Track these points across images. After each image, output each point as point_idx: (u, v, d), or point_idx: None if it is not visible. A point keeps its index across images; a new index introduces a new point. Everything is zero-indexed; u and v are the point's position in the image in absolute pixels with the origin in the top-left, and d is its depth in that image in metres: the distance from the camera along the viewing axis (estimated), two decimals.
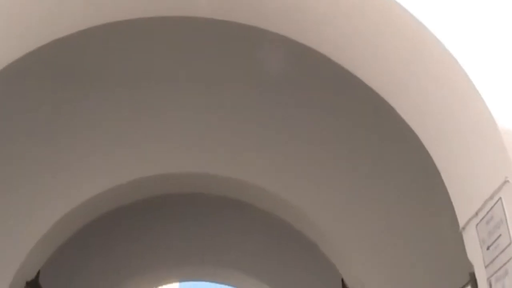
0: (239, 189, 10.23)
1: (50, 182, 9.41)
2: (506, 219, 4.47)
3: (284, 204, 9.87)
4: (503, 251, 4.52)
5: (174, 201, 12.12)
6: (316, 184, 9.73)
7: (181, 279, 17.07)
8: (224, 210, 12.54)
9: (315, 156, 9.82)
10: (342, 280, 9.88)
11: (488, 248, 4.76)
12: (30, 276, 9.44)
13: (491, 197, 4.65)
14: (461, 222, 5.25)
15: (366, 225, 9.47)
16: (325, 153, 9.81)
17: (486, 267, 4.79)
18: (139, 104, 9.67)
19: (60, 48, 7.76)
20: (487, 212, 4.73)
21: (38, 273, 9.60)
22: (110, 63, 9.42)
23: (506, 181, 4.47)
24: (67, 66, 9.31)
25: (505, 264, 4.49)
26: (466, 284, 5.64)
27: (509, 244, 4.43)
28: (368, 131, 9.63)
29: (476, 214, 4.91)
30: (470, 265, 5.23)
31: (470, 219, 5.05)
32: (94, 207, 9.86)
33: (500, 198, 4.55)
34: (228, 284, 14.65)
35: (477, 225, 4.93)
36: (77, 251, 12.17)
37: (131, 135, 9.70)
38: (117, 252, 12.82)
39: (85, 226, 10.30)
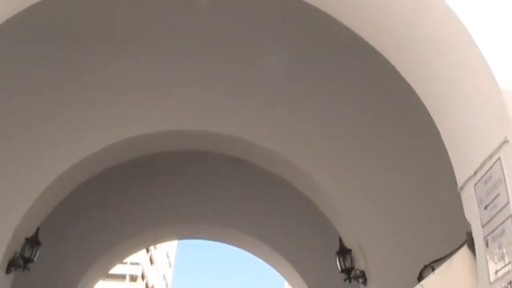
0: (240, 147, 10.24)
1: (49, 140, 9.41)
2: (504, 179, 4.46)
3: (285, 164, 9.89)
4: (500, 210, 4.52)
5: (174, 159, 12.12)
6: (317, 145, 9.74)
7: (180, 237, 17.20)
8: (224, 169, 12.55)
9: (316, 116, 9.81)
10: (340, 239, 9.94)
11: (485, 208, 4.75)
12: (30, 232, 9.50)
13: (490, 157, 4.63)
14: (459, 182, 5.24)
15: (365, 186, 9.50)
16: (327, 114, 9.80)
17: (483, 226, 4.79)
18: (138, 62, 9.63)
19: (58, 3, 7.71)
20: (486, 172, 4.71)
21: (38, 230, 9.65)
22: (108, 20, 9.34)
23: (505, 141, 4.44)
24: (65, 22, 9.24)
25: (502, 223, 4.48)
26: (463, 244, 5.64)
27: (506, 204, 4.43)
28: (371, 91, 9.60)
29: (475, 173, 4.89)
30: (467, 225, 5.23)
31: (468, 179, 5.03)
32: (92, 165, 9.87)
33: (499, 158, 4.53)
34: (227, 243, 14.72)
35: (475, 184, 4.92)
36: (76, 209, 12.20)
37: (131, 93, 9.67)
38: (116, 210, 12.88)
39: (84, 184, 10.33)
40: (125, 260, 21.27)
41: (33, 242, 9.47)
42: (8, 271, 9.07)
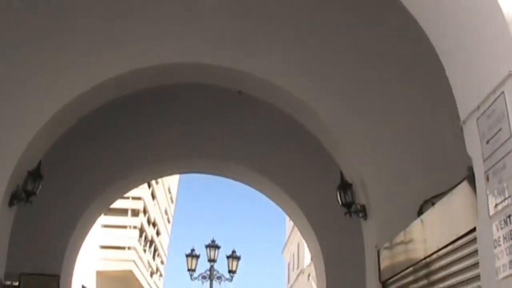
0: (243, 80, 10.19)
1: (51, 71, 9.35)
2: (507, 113, 4.43)
3: (287, 97, 9.85)
4: (502, 144, 4.51)
5: (176, 93, 12.08)
6: (319, 78, 9.69)
7: (181, 172, 17.28)
8: (226, 103, 12.52)
9: (318, 49, 9.72)
10: (341, 174, 9.97)
11: (487, 142, 4.75)
12: (31, 165, 9.53)
13: (494, 91, 4.59)
14: (462, 116, 5.22)
15: (367, 121, 9.48)
16: (328, 46, 9.72)
17: (484, 160, 4.80)
18: None
19: None
20: (489, 106, 4.68)
21: (39, 163, 9.68)
22: None
23: (510, 75, 4.39)
24: None
25: (503, 157, 4.48)
26: (464, 179, 5.66)
27: (509, 138, 4.42)
28: (370, 24, 9.49)
29: (478, 107, 4.87)
30: (468, 161, 5.24)
31: (471, 113, 5.01)
32: (93, 99, 9.84)
33: (502, 92, 4.49)
34: (229, 177, 14.80)
35: (478, 119, 4.90)
36: (78, 143, 12.22)
37: (134, 25, 9.57)
38: (118, 144, 12.89)
39: (85, 118, 10.32)
40: (127, 195, 21.45)
41: (35, 175, 9.52)
42: (10, 204, 9.13)
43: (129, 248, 28.64)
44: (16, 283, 11.89)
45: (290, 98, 9.79)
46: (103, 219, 25.73)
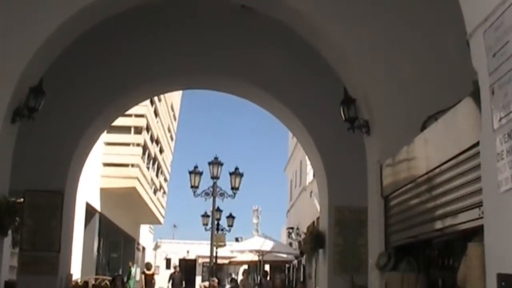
0: None
1: None
2: None
3: (291, 10, 9.68)
4: (509, 58, 4.44)
5: (179, 7, 11.93)
6: None
7: (184, 88, 17.24)
8: (230, 18, 12.38)
9: None
10: (345, 89, 9.91)
11: (494, 55, 4.68)
12: (33, 82, 9.48)
13: (503, 2, 4.49)
14: (469, 29, 5.12)
15: (371, 34, 9.37)
16: None
17: (490, 74, 4.74)
18: None
19: None
20: (497, 18, 4.58)
21: (41, 79, 9.63)
22: None
23: None
24: None
25: (509, 70, 4.42)
26: (469, 94, 5.62)
27: None
28: None
29: (485, 20, 4.76)
30: (473, 75, 5.18)
31: (478, 26, 4.91)
32: (94, 13, 9.70)
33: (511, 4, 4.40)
34: (231, 93, 14.77)
35: (484, 32, 4.81)
36: (80, 58, 12.16)
37: None
38: (122, 59, 12.81)
39: (87, 34, 10.20)
40: (129, 112, 21.45)
41: (37, 91, 9.47)
42: (13, 120, 9.14)
43: (132, 165, 28.80)
44: (21, 200, 12.05)
45: (293, 12, 9.64)
46: (106, 136, 25.80)
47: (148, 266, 29.99)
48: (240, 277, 27.11)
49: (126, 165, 28.90)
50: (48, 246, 12.54)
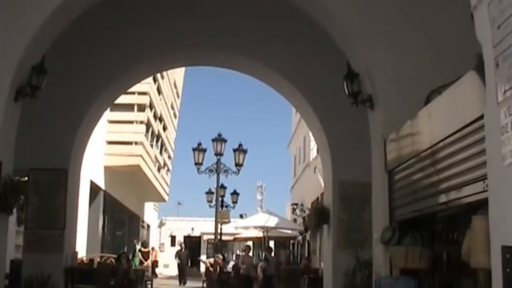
0: None
1: None
2: None
3: None
4: None
5: None
6: None
7: (187, 64, 17.20)
8: None
9: None
10: (348, 64, 9.86)
11: (498, 27, 4.64)
12: (35, 60, 9.44)
13: None
14: (473, 1, 5.08)
15: (374, 9, 9.30)
16: None
17: (494, 46, 4.70)
18: None
19: None
20: None
21: (43, 57, 9.59)
22: None
23: None
24: None
25: None
26: (473, 67, 5.58)
27: None
28: None
29: None
30: (478, 49, 5.15)
31: None
32: None
33: None
34: (234, 69, 14.73)
35: (489, 4, 4.77)
36: (82, 36, 12.13)
37: None
38: (124, 36, 12.77)
39: (90, 11, 10.16)
40: (132, 90, 21.39)
41: (39, 69, 9.44)
42: (16, 99, 9.12)
43: (136, 143, 28.79)
44: (25, 178, 12.08)
45: None
46: (109, 114, 25.77)
47: (144, 244, 30.48)
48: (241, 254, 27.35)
49: (129, 143, 28.89)
50: (53, 224, 12.59)
